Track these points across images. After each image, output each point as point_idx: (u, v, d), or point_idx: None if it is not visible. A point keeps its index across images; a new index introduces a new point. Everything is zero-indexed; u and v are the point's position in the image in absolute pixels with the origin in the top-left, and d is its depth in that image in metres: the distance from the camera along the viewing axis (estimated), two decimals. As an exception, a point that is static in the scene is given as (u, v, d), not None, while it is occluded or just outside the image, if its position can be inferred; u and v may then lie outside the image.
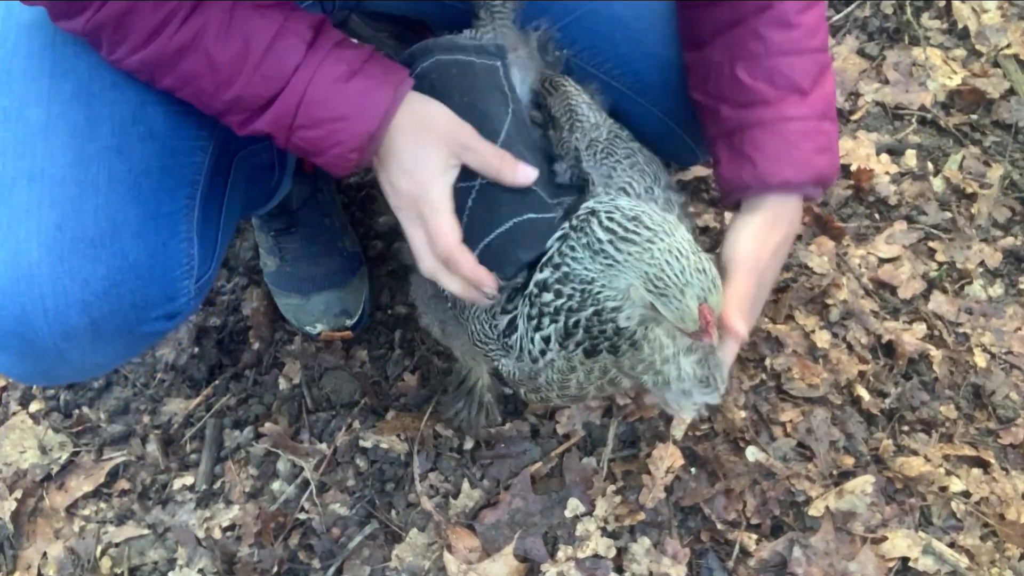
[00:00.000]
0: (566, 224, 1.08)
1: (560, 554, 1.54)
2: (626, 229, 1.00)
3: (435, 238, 1.14)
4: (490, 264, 1.14)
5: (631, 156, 1.25)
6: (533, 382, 1.21)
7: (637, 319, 1.05)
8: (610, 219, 1.01)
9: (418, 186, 1.13)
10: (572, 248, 1.05)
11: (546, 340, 1.12)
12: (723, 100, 1.24)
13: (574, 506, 1.58)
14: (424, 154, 1.13)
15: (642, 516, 1.56)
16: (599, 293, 1.04)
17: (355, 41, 1.17)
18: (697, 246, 1.01)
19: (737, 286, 1.16)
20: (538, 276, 1.09)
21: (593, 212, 1.03)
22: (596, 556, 1.53)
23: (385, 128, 1.11)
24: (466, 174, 1.16)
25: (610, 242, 1.00)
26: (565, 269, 1.06)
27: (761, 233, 1.20)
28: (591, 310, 1.06)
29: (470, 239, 1.15)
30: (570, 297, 1.06)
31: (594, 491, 1.59)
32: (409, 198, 1.15)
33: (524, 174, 1.14)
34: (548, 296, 1.09)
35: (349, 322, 1.76)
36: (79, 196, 1.10)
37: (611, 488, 1.59)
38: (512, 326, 1.16)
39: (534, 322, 1.12)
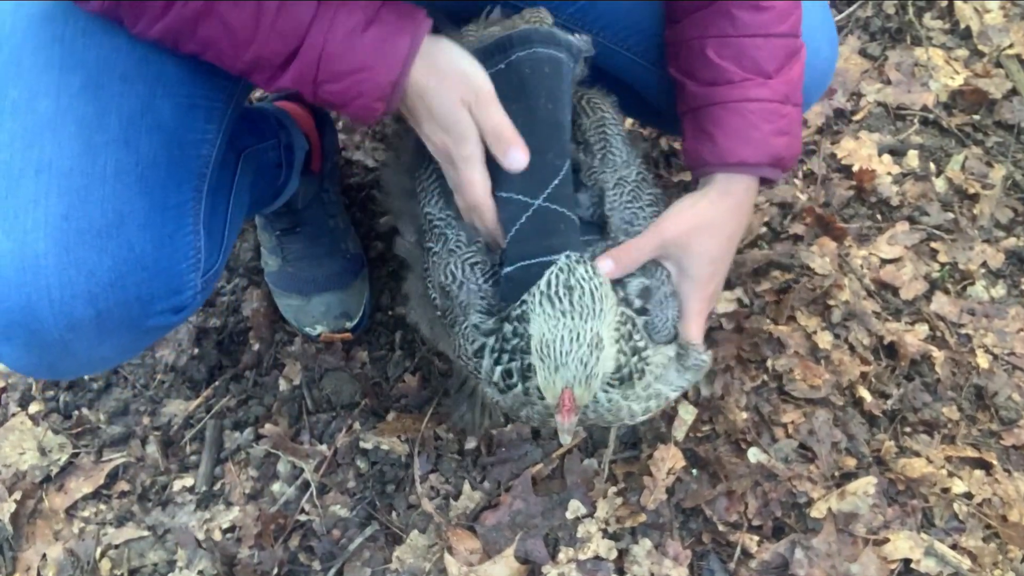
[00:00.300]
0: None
1: (561, 556, 1.54)
2: (557, 292, 1.05)
3: (466, 188, 1.17)
4: (519, 284, 1.14)
5: (655, 204, 1.27)
6: (515, 413, 1.23)
7: None
8: (557, 276, 1.06)
9: (453, 139, 1.15)
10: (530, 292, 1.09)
11: (507, 374, 1.14)
12: (691, 76, 1.26)
13: (575, 508, 1.58)
14: (451, 107, 1.14)
15: (643, 518, 1.57)
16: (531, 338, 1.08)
17: None
18: (609, 343, 1.07)
19: (637, 239, 1.21)
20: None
21: (556, 263, 1.08)
22: (597, 558, 1.54)
23: (406, 75, 1.12)
24: (527, 188, 1.16)
25: (542, 293, 1.05)
26: (525, 307, 1.09)
27: (695, 205, 1.24)
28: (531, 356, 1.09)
29: (511, 255, 1.17)
30: (521, 337, 1.10)
31: (595, 493, 1.60)
32: (443, 149, 1.17)
33: (514, 159, 1.16)
34: (508, 329, 1.12)
35: (349, 324, 1.76)
36: (86, 187, 1.11)
37: (612, 490, 1.60)
38: (482, 352, 1.18)
39: (495, 355, 1.15)
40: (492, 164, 1.17)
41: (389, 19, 1.11)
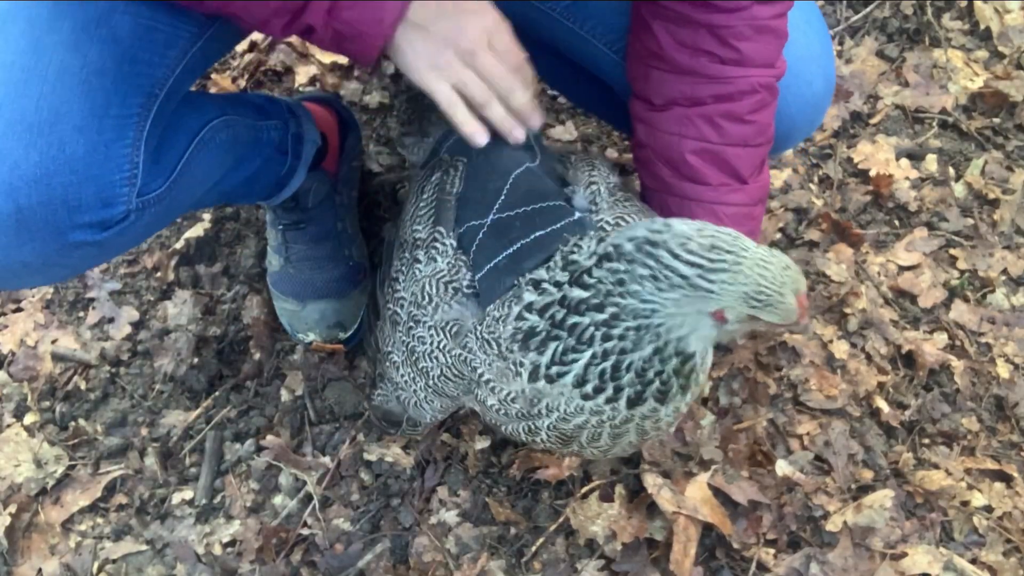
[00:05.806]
0: (592, 253, 1.14)
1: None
2: (712, 260, 1.04)
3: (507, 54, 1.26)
4: (493, 282, 1.24)
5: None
6: (531, 423, 1.24)
7: (710, 341, 1.15)
8: (688, 251, 1.04)
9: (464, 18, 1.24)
10: (621, 282, 1.08)
11: (580, 381, 1.16)
12: (665, 163, 1.37)
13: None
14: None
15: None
16: (661, 325, 1.09)
17: None
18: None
19: None
20: (573, 292, 1.14)
21: (650, 243, 1.06)
22: (608, 572, 1.58)
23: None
24: (477, 213, 1.29)
25: (699, 276, 1.04)
26: (613, 308, 1.10)
27: None
28: (651, 348, 1.12)
29: (478, 263, 1.26)
30: (621, 337, 1.11)
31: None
32: (452, 37, 1.23)
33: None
34: (585, 321, 1.12)
35: (343, 335, 1.80)
36: (24, 81, 1.16)
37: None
38: (527, 343, 1.18)
39: (569, 355, 1.15)
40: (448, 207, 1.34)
41: None
